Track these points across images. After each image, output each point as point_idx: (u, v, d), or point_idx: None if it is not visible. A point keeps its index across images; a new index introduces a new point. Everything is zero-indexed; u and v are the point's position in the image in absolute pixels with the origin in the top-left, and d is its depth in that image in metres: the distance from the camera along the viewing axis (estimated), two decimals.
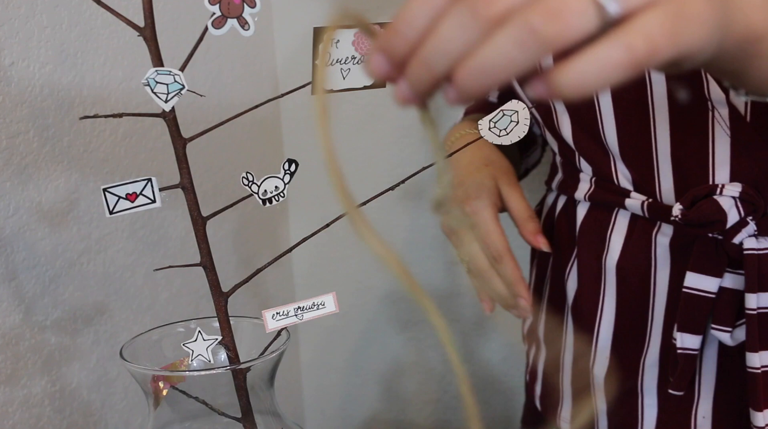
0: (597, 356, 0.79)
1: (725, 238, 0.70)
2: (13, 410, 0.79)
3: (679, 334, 0.72)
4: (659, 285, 0.75)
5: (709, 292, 0.71)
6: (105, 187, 0.57)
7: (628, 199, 0.76)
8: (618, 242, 0.77)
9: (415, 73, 0.41)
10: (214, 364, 0.64)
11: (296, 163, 0.61)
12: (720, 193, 0.69)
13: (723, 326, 0.71)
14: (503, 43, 0.38)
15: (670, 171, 0.72)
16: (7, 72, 0.77)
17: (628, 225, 0.76)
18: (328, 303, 0.63)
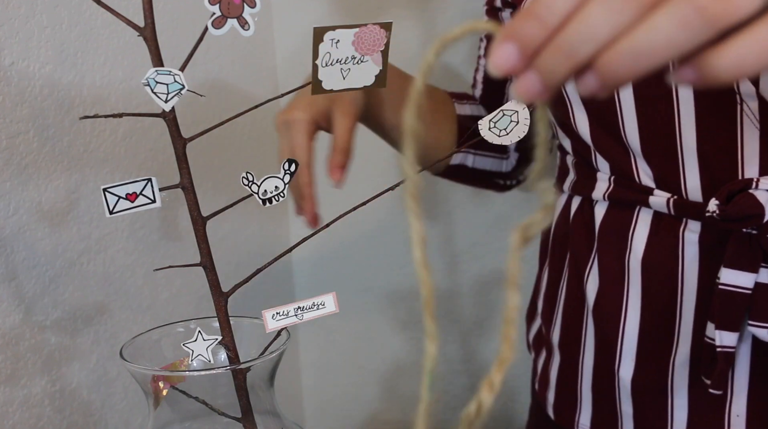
0: (623, 358, 0.78)
1: (760, 233, 0.69)
2: (13, 410, 0.79)
3: (718, 332, 0.70)
4: (688, 283, 0.73)
5: (745, 288, 0.69)
6: (105, 187, 0.57)
7: (651, 197, 0.74)
8: (641, 241, 0.75)
9: (552, 62, 0.38)
10: (214, 364, 0.64)
11: (296, 163, 0.61)
12: (756, 187, 0.68)
13: (761, 322, 0.70)
14: (664, 23, 0.35)
15: (696, 166, 0.71)
16: (7, 72, 0.77)
17: (651, 223, 0.75)
18: (328, 303, 0.63)
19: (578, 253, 0.82)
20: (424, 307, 0.45)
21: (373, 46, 0.57)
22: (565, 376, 0.84)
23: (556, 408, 0.87)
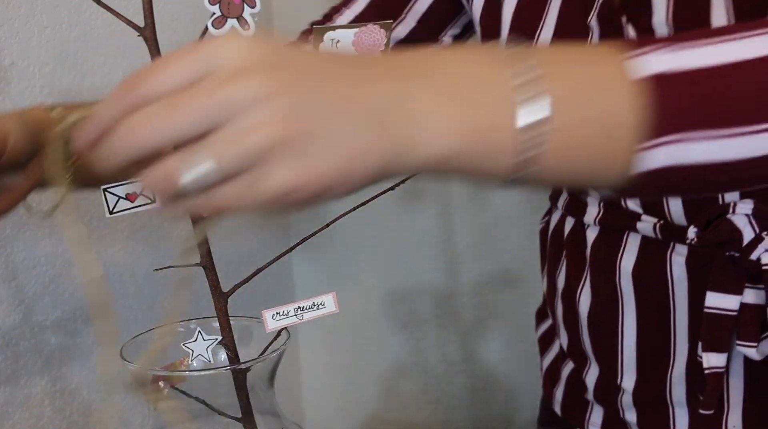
0: (624, 371, 0.79)
1: (742, 256, 0.70)
2: (13, 410, 0.79)
3: (705, 355, 0.72)
4: (679, 304, 0.75)
5: (730, 310, 0.70)
6: (105, 187, 0.57)
7: (639, 223, 0.75)
8: (629, 264, 0.77)
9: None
10: (214, 364, 0.64)
11: None
12: (733, 212, 0.69)
13: (748, 342, 0.71)
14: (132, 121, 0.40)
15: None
16: (7, 72, 0.77)
17: (640, 247, 0.76)
18: (328, 303, 0.63)
19: (571, 272, 0.84)
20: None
21: (373, 46, 0.57)
22: (574, 381, 0.85)
23: (565, 406, 0.88)
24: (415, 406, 1.38)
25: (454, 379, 1.35)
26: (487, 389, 1.34)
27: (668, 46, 0.46)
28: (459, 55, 0.45)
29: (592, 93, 0.44)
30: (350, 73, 0.42)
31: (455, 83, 0.43)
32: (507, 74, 0.43)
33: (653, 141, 0.44)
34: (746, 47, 0.46)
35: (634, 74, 0.44)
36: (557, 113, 0.42)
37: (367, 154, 0.41)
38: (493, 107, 0.42)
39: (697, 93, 0.45)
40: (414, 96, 0.42)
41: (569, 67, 0.45)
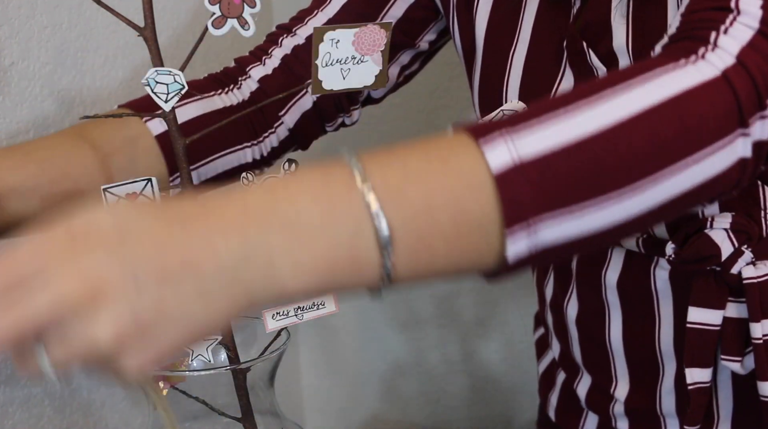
0: (618, 380, 0.79)
1: (723, 270, 0.70)
2: (13, 410, 0.79)
3: (688, 370, 0.72)
4: (664, 317, 0.75)
5: (713, 324, 0.70)
6: (105, 187, 0.57)
7: None
8: (614, 277, 0.77)
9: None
10: (214, 364, 0.64)
11: (296, 163, 0.61)
12: (711, 227, 0.69)
13: (732, 356, 0.71)
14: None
15: None
16: (7, 72, 0.77)
17: (624, 260, 0.76)
18: (328, 303, 0.63)
19: (557, 285, 0.84)
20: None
21: (372, 46, 0.57)
22: (569, 388, 0.85)
23: (559, 412, 0.87)
24: (415, 406, 1.38)
25: (454, 379, 1.35)
26: (487, 389, 1.34)
27: (510, 130, 0.47)
28: (299, 188, 0.46)
29: (436, 203, 0.46)
30: (193, 235, 0.43)
31: (303, 221, 0.44)
32: (348, 205, 0.45)
33: (509, 231, 0.46)
34: (585, 120, 0.48)
35: (477, 170, 0.46)
36: (398, 231, 0.45)
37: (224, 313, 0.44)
38: (346, 241, 0.44)
39: (542, 178, 0.47)
40: (265, 244, 0.43)
41: (411, 180, 0.46)
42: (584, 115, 0.48)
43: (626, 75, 0.51)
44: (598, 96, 0.49)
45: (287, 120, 0.83)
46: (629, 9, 0.69)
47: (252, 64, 0.85)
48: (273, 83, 0.82)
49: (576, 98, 0.49)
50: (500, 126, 0.48)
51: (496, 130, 0.47)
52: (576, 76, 0.73)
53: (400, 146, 0.48)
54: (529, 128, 0.48)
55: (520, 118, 0.48)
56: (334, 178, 0.46)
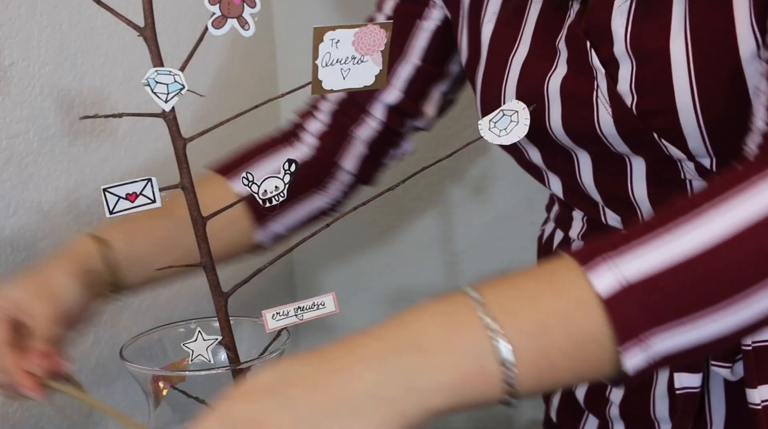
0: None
1: None
2: (13, 410, 0.79)
3: (677, 375, 0.72)
4: None
5: None
6: (105, 187, 0.57)
7: None
8: None
9: None
10: (214, 364, 0.64)
11: (296, 163, 0.61)
12: None
13: (722, 363, 0.71)
14: None
15: (651, 212, 0.74)
16: (7, 72, 0.77)
17: None
18: (328, 303, 0.63)
19: None
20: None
21: (372, 46, 0.57)
22: (569, 390, 0.85)
23: (560, 413, 0.88)
24: None
25: None
26: None
27: (613, 254, 0.51)
28: (426, 318, 0.52)
29: (550, 322, 0.51)
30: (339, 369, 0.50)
31: (433, 345, 0.50)
32: (470, 328, 0.50)
33: (622, 348, 0.50)
34: (688, 239, 0.51)
35: (585, 294, 0.50)
36: (518, 349, 0.50)
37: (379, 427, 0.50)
38: (473, 360, 0.50)
39: (649, 298, 0.50)
40: (402, 366, 0.50)
41: (524, 303, 0.51)
42: (687, 234, 0.51)
43: (724, 186, 0.52)
44: (698, 213, 0.51)
45: (347, 167, 0.90)
46: (630, 13, 0.69)
47: (306, 118, 0.91)
48: (327, 137, 0.89)
49: (676, 216, 0.52)
50: (602, 250, 0.51)
51: (599, 255, 0.51)
52: (570, 73, 0.73)
53: (511, 274, 0.54)
54: (632, 251, 0.51)
55: (622, 240, 0.52)
56: (456, 306, 0.52)
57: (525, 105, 0.59)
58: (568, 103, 0.74)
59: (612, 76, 0.70)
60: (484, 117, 0.65)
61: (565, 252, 0.53)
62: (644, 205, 0.74)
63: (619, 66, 0.70)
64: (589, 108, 0.72)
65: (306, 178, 0.87)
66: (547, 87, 0.75)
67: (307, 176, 0.88)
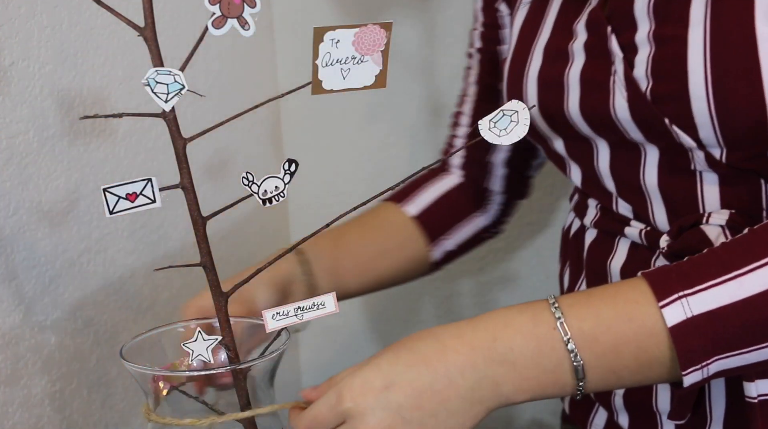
0: None
1: None
2: (13, 410, 0.79)
3: None
4: None
5: None
6: (105, 187, 0.57)
7: (628, 227, 0.78)
8: (617, 267, 0.78)
9: None
10: (214, 364, 0.64)
11: (296, 163, 0.61)
12: (706, 222, 0.71)
13: None
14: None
15: (662, 203, 0.75)
16: (7, 72, 0.77)
17: (628, 252, 0.78)
18: (328, 303, 0.63)
19: (571, 274, 0.87)
20: None
21: (373, 46, 0.57)
22: None
23: (572, 405, 0.89)
24: None
25: None
26: None
27: (687, 292, 0.59)
28: (513, 330, 0.62)
29: (621, 346, 0.60)
30: (436, 373, 0.61)
31: (517, 356, 0.61)
32: (552, 345, 0.61)
33: (684, 372, 0.59)
34: (754, 281, 0.58)
35: (656, 323, 0.59)
36: (589, 366, 0.61)
37: (470, 422, 0.62)
38: (551, 372, 0.61)
39: (713, 331, 0.58)
40: (491, 374, 0.61)
41: (600, 327, 0.61)
42: (754, 275, 0.58)
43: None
44: (760, 261, 0.58)
45: (496, 188, 0.99)
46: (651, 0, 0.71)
47: (448, 152, 1.02)
48: (468, 167, 0.99)
49: (750, 259, 0.59)
50: (678, 287, 0.59)
51: (675, 292, 0.59)
52: (588, 60, 0.75)
53: (594, 294, 0.63)
54: (703, 289, 0.59)
55: (698, 277, 0.59)
56: (541, 323, 0.61)
57: (525, 105, 0.59)
58: (586, 87, 0.76)
59: (629, 61, 0.71)
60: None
61: (644, 280, 0.61)
62: (654, 194, 0.75)
63: (637, 51, 0.71)
64: (605, 92, 0.73)
65: (464, 203, 0.98)
66: (567, 72, 0.77)
67: (465, 201, 0.98)
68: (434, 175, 1.00)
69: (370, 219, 0.95)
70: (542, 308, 0.62)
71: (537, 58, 0.81)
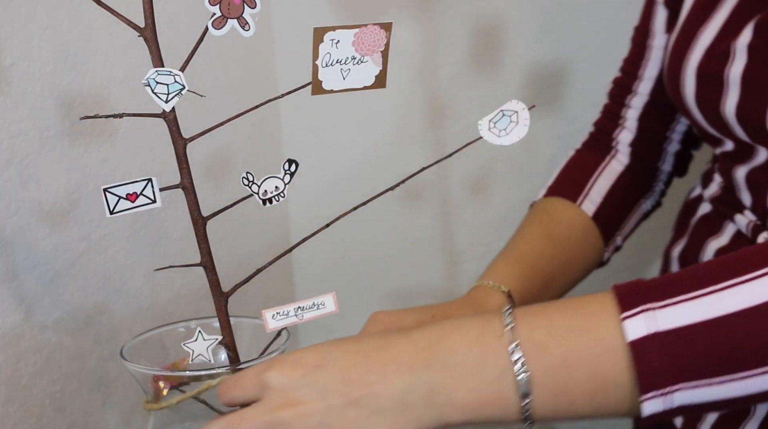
0: None
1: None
2: (14, 410, 0.79)
3: None
4: None
5: None
6: (105, 187, 0.57)
7: (739, 215, 0.77)
8: (712, 250, 0.78)
9: None
10: (214, 364, 0.64)
11: (296, 163, 0.61)
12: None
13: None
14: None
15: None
16: (7, 72, 0.77)
17: (731, 238, 0.77)
18: (328, 303, 0.63)
19: (675, 234, 0.88)
20: None
21: (373, 47, 0.57)
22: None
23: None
24: None
25: None
26: None
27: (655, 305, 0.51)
28: (459, 336, 0.55)
29: (573, 361, 0.52)
30: (372, 366, 0.55)
31: (459, 364, 0.54)
32: (497, 354, 0.54)
33: (643, 396, 0.51)
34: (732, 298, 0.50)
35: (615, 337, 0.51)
36: (536, 380, 0.53)
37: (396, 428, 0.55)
38: (493, 384, 0.53)
39: (677, 351, 0.50)
40: (427, 380, 0.54)
41: (554, 338, 0.53)
42: (734, 291, 0.50)
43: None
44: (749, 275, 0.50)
45: (665, 167, 0.94)
46: None
47: (614, 130, 0.95)
48: (640, 145, 0.93)
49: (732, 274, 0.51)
50: (647, 298, 0.51)
51: (641, 303, 0.51)
52: (750, 60, 0.72)
53: (551, 305, 0.56)
54: (674, 304, 0.51)
55: (669, 288, 0.52)
56: (489, 330, 0.55)
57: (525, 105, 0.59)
58: (745, 89, 0.72)
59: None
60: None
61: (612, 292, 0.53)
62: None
63: None
64: (764, 97, 0.70)
65: (633, 186, 0.93)
66: (728, 71, 0.73)
67: (634, 184, 0.93)
68: (599, 158, 0.94)
69: (555, 228, 0.89)
70: (494, 315, 0.56)
71: (700, 47, 0.77)
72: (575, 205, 0.90)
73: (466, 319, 0.57)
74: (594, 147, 0.96)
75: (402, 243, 1.34)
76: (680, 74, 0.79)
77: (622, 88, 0.94)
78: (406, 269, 1.34)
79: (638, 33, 0.93)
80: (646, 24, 0.92)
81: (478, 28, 1.23)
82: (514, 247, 0.87)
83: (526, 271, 0.82)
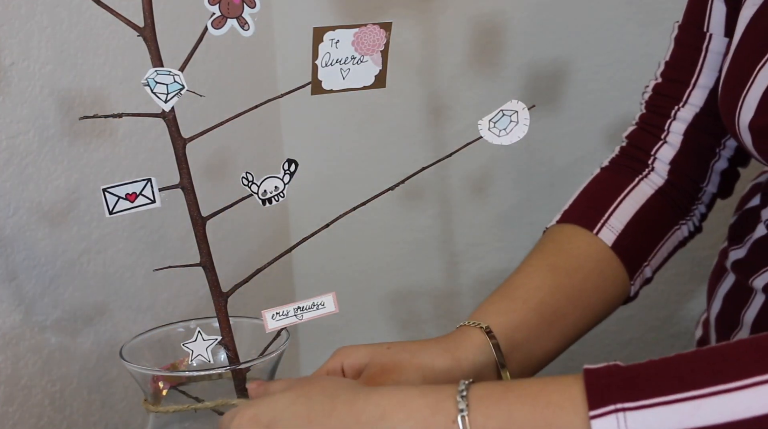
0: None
1: None
2: (14, 410, 0.79)
3: None
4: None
5: None
6: (105, 187, 0.57)
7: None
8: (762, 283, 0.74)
9: None
10: (214, 364, 0.64)
11: (296, 163, 0.61)
12: None
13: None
14: None
15: None
16: (7, 72, 0.77)
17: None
18: (328, 303, 0.63)
19: (729, 237, 0.82)
20: None
21: (372, 46, 0.57)
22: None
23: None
24: None
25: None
26: None
27: (626, 406, 0.47)
28: (408, 413, 0.52)
29: None
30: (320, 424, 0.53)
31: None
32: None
33: None
34: (713, 408, 0.46)
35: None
36: None
37: None
38: None
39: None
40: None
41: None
42: (716, 401, 0.46)
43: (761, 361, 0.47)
44: (734, 383, 0.46)
45: (709, 188, 0.83)
46: None
47: (654, 145, 0.83)
48: (684, 161, 0.82)
49: (715, 380, 0.47)
50: (619, 396, 0.47)
51: (612, 404, 0.47)
52: None
53: (514, 389, 0.51)
54: (649, 406, 0.47)
55: (645, 385, 0.47)
56: (440, 411, 0.51)
57: (525, 105, 0.59)
58: None
59: None
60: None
61: (581, 381, 0.49)
62: None
63: None
64: None
65: (667, 210, 0.82)
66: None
67: (669, 208, 0.82)
68: (626, 181, 0.83)
69: (561, 258, 0.79)
70: (447, 395, 0.52)
71: (758, 87, 0.68)
72: (590, 233, 0.79)
73: (415, 394, 0.53)
74: (624, 165, 0.84)
75: (402, 243, 1.34)
76: (736, 111, 0.71)
77: (665, 97, 0.82)
78: (406, 269, 1.34)
79: (685, 32, 0.81)
80: (697, 21, 0.79)
81: (478, 28, 1.23)
82: (508, 280, 0.79)
83: (517, 306, 0.74)
